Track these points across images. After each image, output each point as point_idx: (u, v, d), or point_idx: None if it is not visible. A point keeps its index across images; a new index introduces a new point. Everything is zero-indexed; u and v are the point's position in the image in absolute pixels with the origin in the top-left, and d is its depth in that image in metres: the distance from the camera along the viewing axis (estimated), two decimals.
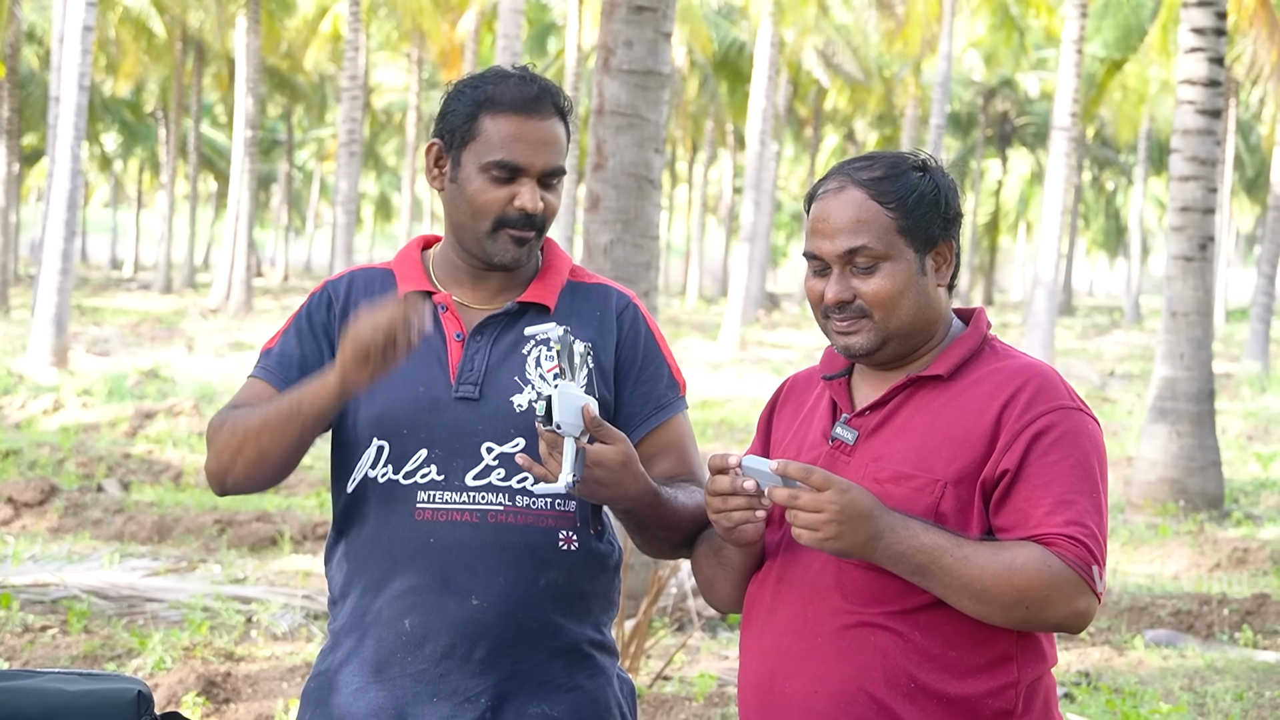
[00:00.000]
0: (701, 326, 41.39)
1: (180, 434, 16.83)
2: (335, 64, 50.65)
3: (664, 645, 8.91)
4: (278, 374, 3.48)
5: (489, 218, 3.42)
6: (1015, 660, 3.12)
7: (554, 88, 3.47)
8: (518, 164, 3.40)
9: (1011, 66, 52.93)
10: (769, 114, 35.64)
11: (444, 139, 3.48)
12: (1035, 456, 3.08)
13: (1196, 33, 14.36)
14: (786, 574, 3.23)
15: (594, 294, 3.59)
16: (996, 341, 3.28)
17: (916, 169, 3.22)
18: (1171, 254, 14.38)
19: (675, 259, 80.00)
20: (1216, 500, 14.40)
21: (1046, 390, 3.13)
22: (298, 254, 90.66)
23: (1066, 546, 3.02)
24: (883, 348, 3.20)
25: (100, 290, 50.51)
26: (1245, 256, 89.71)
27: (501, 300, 3.52)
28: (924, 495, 3.11)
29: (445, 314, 3.49)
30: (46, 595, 9.43)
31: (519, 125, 3.40)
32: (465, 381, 3.43)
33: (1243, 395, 27.04)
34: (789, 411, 3.42)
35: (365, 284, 3.57)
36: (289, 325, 3.55)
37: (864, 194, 3.18)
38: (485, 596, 3.38)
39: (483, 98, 3.43)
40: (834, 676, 3.13)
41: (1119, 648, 9.78)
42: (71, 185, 22.10)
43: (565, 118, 3.48)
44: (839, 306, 3.19)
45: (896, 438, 3.18)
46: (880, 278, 3.17)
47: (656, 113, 9.08)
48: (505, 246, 3.44)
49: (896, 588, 3.11)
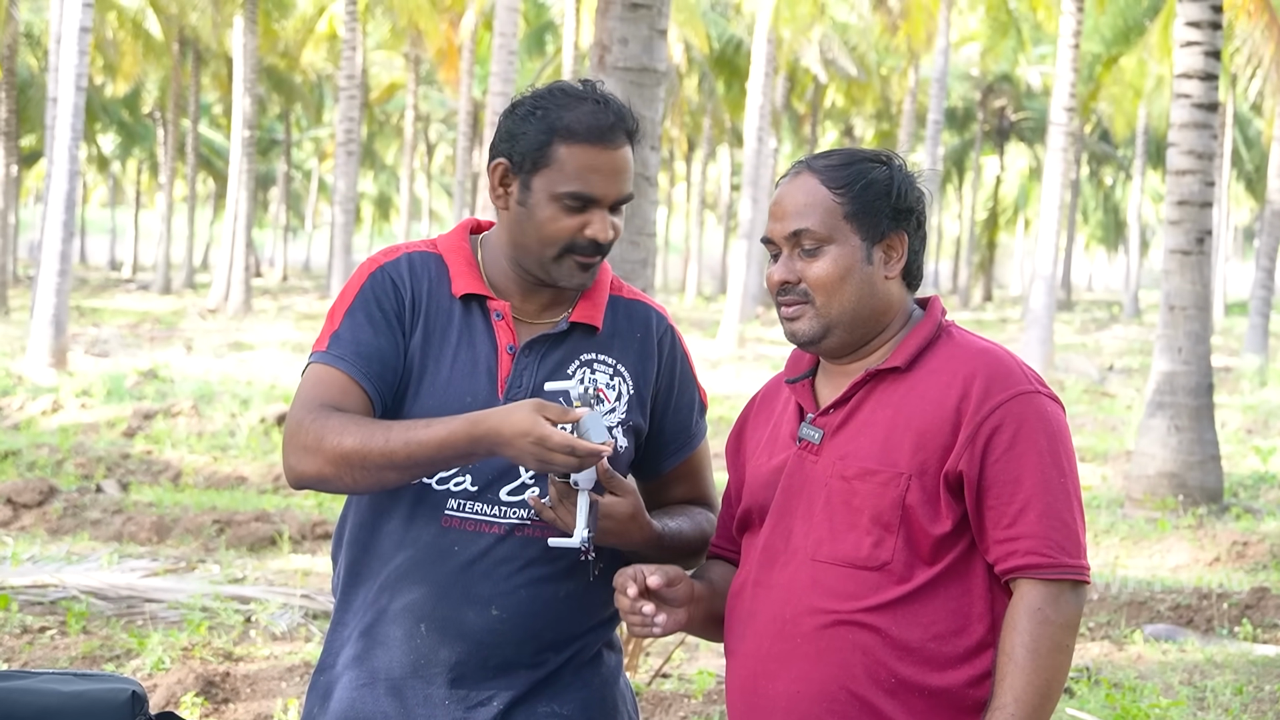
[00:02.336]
0: (700, 324, 41.38)
1: (179, 434, 16.82)
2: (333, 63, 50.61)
3: (662, 643, 8.91)
4: (358, 366, 3.33)
5: (557, 245, 3.36)
6: (992, 648, 3.15)
7: (625, 111, 3.41)
8: (593, 195, 3.35)
9: (1009, 62, 52.94)
10: (766, 110, 35.63)
11: (512, 160, 3.40)
12: (994, 458, 3.12)
13: (1193, 26, 14.34)
14: (763, 578, 3.25)
15: (635, 312, 3.57)
16: (954, 327, 3.30)
17: (874, 161, 3.26)
18: (1169, 248, 14.36)
19: (674, 256, 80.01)
20: (1216, 494, 14.38)
21: (1000, 378, 3.15)
22: (296, 254, 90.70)
23: (1042, 565, 3.09)
24: (826, 335, 3.22)
25: (99, 291, 50.50)
26: (1244, 250, 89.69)
27: (550, 314, 3.48)
28: (889, 489, 3.13)
29: (500, 323, 3.43)
30: (45, 596, 9.43)
31: (595, 156, 3.34)
32: (512, 399, 3.36)
33: (1242, 389, 27.03)
34: (760, 421, 3.45)
35: (423, 268, 3.46)
36: (353, 308, 3.39)
37: (816, 180, 3.23)
38: (506, 608, 3.37)
39: (559, 125, 3.34)
40: (815, 676, 3.15)
41: (1118, 642, 9.78)
42: (69, 186, 22.09)
43: (634, 140, 3.43)
44: (783, 288, 3.23)
45: (860, 434, 3.20)
46: (823, 261, 3.20)
47: (652, 110, 9.07)
48: (571, 271, 3.39)
49: (871, 583, 3.13)
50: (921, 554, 3.13)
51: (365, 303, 3.39)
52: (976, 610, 3.14)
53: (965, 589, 3.15)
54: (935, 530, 3.12)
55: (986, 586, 3.16)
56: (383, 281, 3.42)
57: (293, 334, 32.43)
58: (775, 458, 3.30)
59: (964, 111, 61.61)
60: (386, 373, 3.35)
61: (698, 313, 48.77)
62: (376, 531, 3.44)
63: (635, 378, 3.51)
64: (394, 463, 3.19)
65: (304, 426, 3.26)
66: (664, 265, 66.96)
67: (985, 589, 3.15)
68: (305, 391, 3.33)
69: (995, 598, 3.16)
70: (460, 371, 3.38)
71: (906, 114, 45.09)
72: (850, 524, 3.15)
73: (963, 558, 3.15)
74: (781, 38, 38.08)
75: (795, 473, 3.24)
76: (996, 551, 3.12)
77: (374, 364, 3.34)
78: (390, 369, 3.36)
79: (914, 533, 3.12)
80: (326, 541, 11.83)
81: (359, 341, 3.35)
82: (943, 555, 3.14)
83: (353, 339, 3.35)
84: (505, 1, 24.98)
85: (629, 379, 3.50)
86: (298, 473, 3.28)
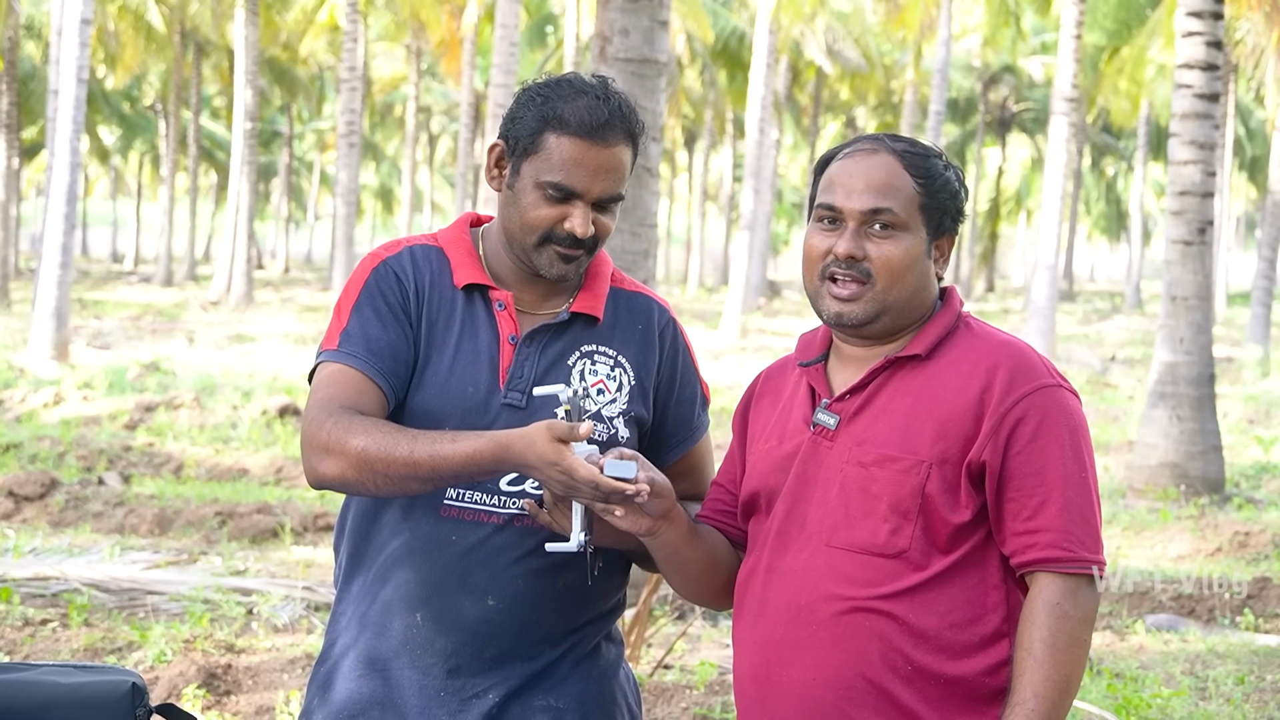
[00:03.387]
0: (703, 315, 41.37)
1: (181, 427, 16.82)
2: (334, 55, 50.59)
3: (665, 634, 8.91)
4: (371, 362, 3.33)
5: (536, 233, 3.38)
6: (1008, 637, 3.15)
7: (626, 109, 3.39)
8: (574, 188, 3.34)
9: (1011, 53, 52.89)
10: (768, 101, 35.61)
11: (508, 143, 3.42)
12: (1017, 449, 3.11)
13: (1194, 16, 14.34)
14: (776, 563, 3.24)
15: (636, 304, 3.58)
16: (971, 318, 3.30)
17: (940, 159, 3.26)
18: (1170, 238, 14.36)
19: (676, 248, 79.98)
20: (1217, 485, 14.39)
21: (1024, 370, 3.16)
22: (298, 246, 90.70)
23: (1062, 559, 3.10)
24: (876, 320, 3.20)
25: (101, 283, 50.49)
26: (1246, 241, 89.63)
27: (551, 305, 3.49)
28: (910, 477, 3.12)
29: (502, 313, 3.44)
30: (47, 589, 9.42)
31: (582, 150, 3.34)
32: (513, 389, 3.39)
33: (1244, 379, 27.03)
34: (766, 403, 3.42)
35: (425, 261, 3.47)
36: (359, 303, 3.40)
37: (898, 162, 3.21)
38: (502, 598, 3.37)
39: (551, 114, 3.35)
40: (831, 663, 3.14)
41: (1120, 633, 9.78)
42: (71, 179, 22.08)
43: (635, 142, 3.41)
44: (848, 262, 3.18)
45: (878, 420, 3.18)
46: (894, 244, 3.18)
47: (654, 101, 9.07)
48: (551, 261, 3.40)
49: (889, 571, 3.13)
50: (938, 542, 3.13)
51: (371, 297, 3.40)
52: (992, 600, 3.15)
53: (980, 578, 3.15)
54: (955, 519, 3.12)
55: (1001, 576, 3.16)
56: (386, 275, 3.43)
57: (295, 326, 32.42)
58: (788, 442, 3.28)
59: (966, 103, 61.57)
60: (399, 367, 3.36)
61: (700, 304, 48.76)
62: (376, 521, 3.45)
63: (636, 368, 3.51)
64: (417, 474, 3.18)
65: (324, 428, 3.24)
66: (666, 256, 66.92)
67: (1000, 579, 3.16)
68: (322, 391, 3.32)
69: (1009, 588, 3.16)
70: (463, 361, 3.39)
71: (908, 105, 45.07)
72: (867, 510, 3.15)
73: (979, 547, 3.15)
74: (783, 27, 38.06)
75: (810, 458, 3.23)
76: (1014, 544, 3.12)
77: (386, 359, 3.34)
78: (403, 363, 3.36)
79: (932, 521, 3.12)
80: (328, 533, 11.84)
81: (369, 337, 3.35)
82: (959, 544, 3.14)
83: (363, 335, 3.35)
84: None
85: (630, 370, 3.50)
86: (319, 474, 3.26)
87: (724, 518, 3.44)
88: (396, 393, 3.35)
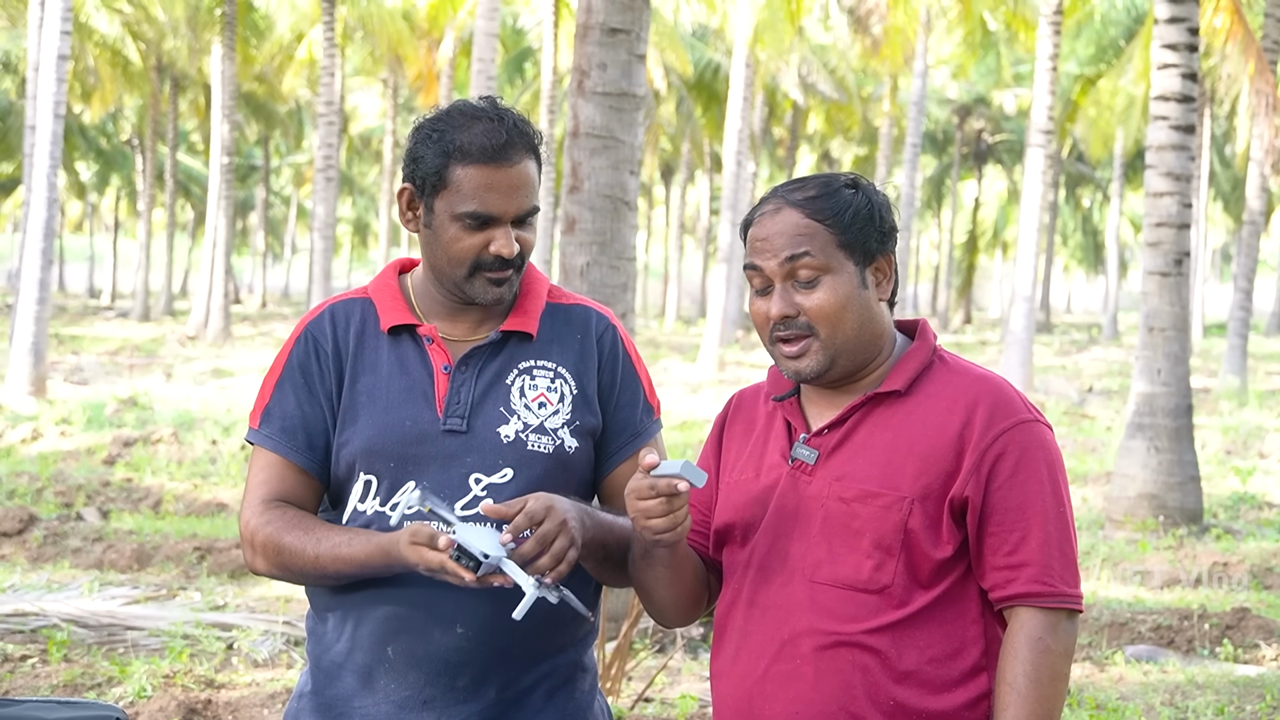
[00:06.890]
0: (680, 348, 41.39)
1: (159, 462, 16.78)
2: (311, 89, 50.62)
3: (645, 667, 8.90)
4: (285, 443, 3.49)
5: (465, 264, 3.43)
6: (987, 670, 3.17)
7: (523, 125, 3.44)
8: (491, 214, 3.39)
9: (986, 84, 53.08)
10: (745, 135, 35.71)
11: (415, 184, 3.47)
12: (998, 485, 3.14)
13: (1169, 48, 14.41)
14: (757, 597, 3.24)
15: (574, 316, 3.60)
16: (945, 353, 3.32)
17: (848, 186, 3.25)
18: (1147, 269, 14.41)
19: (654, 280, 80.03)
20: (1196, 515, 14.41)
21: (1003, 405, 3.18)
22: (276, 280, 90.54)
23: (1043, 594, 3.12)
24: (831, 367, 3.21)
25: (78, 318, 50.39)
26: (1222, 272, 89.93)
27: (484, 330, 3.53)
28: (892, 513, 3.14)
29: (431, 346, 3.49)
30: (26, 624, 9.39)
31: (489, 175, 3.38)
32: (453, 415, 3.44)
33: (1221, 410, 27.08)
34: (739, 429, 3.43)
35: (346, 317, 3.55)
36: (279, 378, 3.54)
37: (799, 213, 3.21)
38: (470, 625, 3.38)
39: (451, 146, 3.39)
40: (814, 698, 3.15)
41: (1100, 663, 9.79)
42: (48, 214, 22.07)
43: (537, 153, 3.46)
44: (784, 322, 3.20)
45: (858, 455, 3.20)
46: (823, 291, 3.19)
47: (631, 134, 9.10)
48: (484, 288, 3.45)
49: (871, 606, 3.14)
50: (920, 578, 3.15)
51: (290, 372, 3.55)
52: (971, 634, 3.17)
53: (960, 612, 3.17)
54: (936, 555, 3.14)
55: (979, 610, 3.18)
56: (305, 344, 3.56)
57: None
58: (765, 476, 3.29)
59: (943, 135, 61.77)
60: (315, 439, 3.49)
61: (678, 337, 48.78)
62: None
63: (578, 377, 3.54)
64: (324, 574, 3.40)
65: (250, 525, 3.45)
66: (644, 289, 66.99)
67: (979, 613, 3.18)
68: (252, 480, 3.52)
69: (988, 622, 3.19)
70: (396, 399, 3.45)
71: (884, 137, 45.19)
72: (850, 546, 3.16)
73: (959, 582, 3.17)
74: (759, 61, 38.16)
75: (789, 492, 3.24)
76: (995, 578, 3.14)
77: (299, 436, 3.49)
78: (319, 433, 3.50)
79: (915, 556, 3.14)
80: None
81: (285, 415, 3.51)
82: (941, 580, 3.16)
83: (280, 413, 3.52)
84: (484, 27, 25.04)
85: (571, 380, 3.53)
86: (253, 567, 3.50)
87: (699, 539, 3.44)
88: (318, 462, 3.48)
